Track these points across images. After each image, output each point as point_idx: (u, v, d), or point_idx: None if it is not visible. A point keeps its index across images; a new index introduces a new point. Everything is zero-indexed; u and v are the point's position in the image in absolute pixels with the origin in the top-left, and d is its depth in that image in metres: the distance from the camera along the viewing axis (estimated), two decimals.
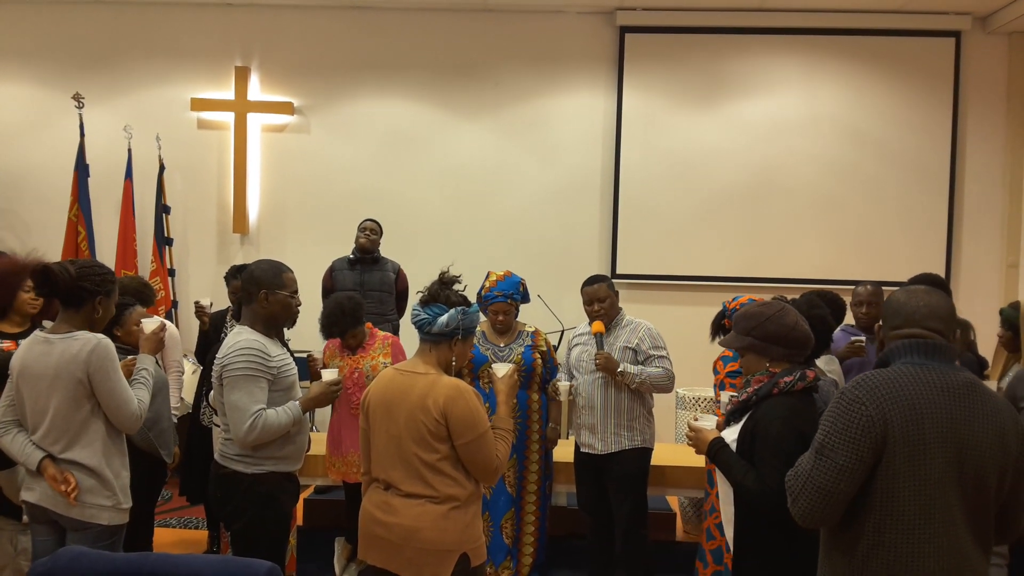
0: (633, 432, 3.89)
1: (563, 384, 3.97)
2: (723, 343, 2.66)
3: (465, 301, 2.66)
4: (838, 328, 3.87)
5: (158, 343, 3.09)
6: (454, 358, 2.65)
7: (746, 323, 2.51)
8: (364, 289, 5.32)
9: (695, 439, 2.57)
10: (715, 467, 2.52)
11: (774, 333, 2.45)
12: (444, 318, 2.58)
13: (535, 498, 4.20)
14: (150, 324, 3.11)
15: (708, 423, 2.61)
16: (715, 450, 2.47)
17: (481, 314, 4.28)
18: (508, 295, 4.11)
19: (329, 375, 3.10)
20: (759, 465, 2.33)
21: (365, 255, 5.48)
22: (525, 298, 4.27)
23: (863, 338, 4.07)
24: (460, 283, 2.70)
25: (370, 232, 5.50)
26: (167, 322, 4.54)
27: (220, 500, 2.89)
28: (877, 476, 1.89)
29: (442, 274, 2.69)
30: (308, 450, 4.11)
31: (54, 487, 2.73)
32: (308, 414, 4.01)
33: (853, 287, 4.39)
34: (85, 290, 2.78)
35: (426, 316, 2.60)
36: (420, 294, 2.69)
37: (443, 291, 2.64)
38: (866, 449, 1.88)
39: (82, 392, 2.74)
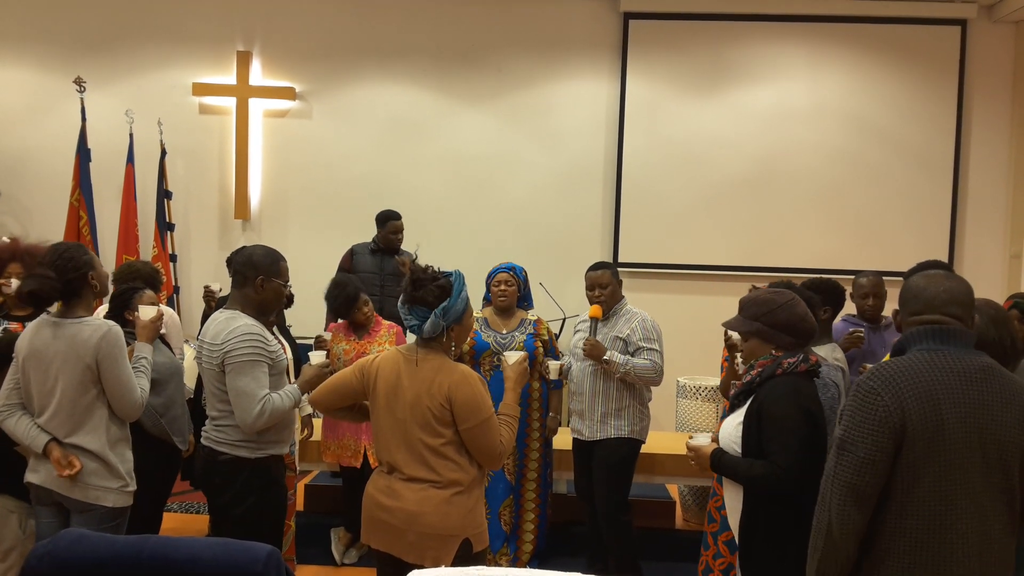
0: (620, 421, 3.88)
1: (553, 363, 3.95)
2: (727, 325, 2.65)
3: (443, 293, 2.56)
4: (839, 318, 3.86)
5: (154, 331, 3.09)
6: (453, 345, 2.65)
7: (756, 309, 2.51)
8: (383, 274, 5.40)
9: (696, 457, 2.59)
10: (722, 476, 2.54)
11: (784, 322, 2.47)
12: (428, 326, 2.56)
13: (535, 486, 4.21)
14: (147, 312, 3.10)
15: (704, 440, 2.62)
16: (717, 459, 2.49)
17: (475, 312, 4.29)
18: (510, 268, 4.19)
19: (317, 358, 3.10)
20: (766, 445, 2.34)
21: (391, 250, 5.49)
22: (527, 296, 4.28)
23: (862, 329, 4.06)
24: (432, 271, 2.60)
25: (401, 235, 5.49)
26: (168, 309, 4.56)
27: (219, 486, 2.85)
28: (898, 464, 1.88)
29: (412, 272, 2.61)
30: (311, 436, 4.14)
31: (58, 470, 2.74)
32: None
33: (853, 277, 4.36)
34: (75, 280, 2.78)
35: (415, 322, 2.59)
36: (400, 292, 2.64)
37: (417, 293, 2.57)
38: (886, 439, 1.86)
39: (89, 377, 2.75)
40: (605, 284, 3.91)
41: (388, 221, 5.47)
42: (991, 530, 1.88)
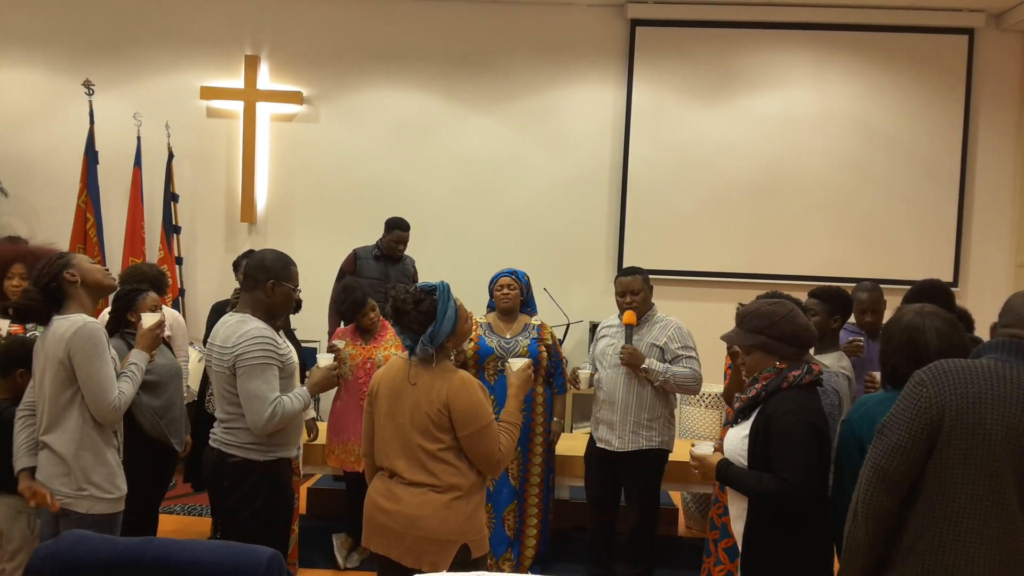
0: (652, 432, 3.81)
1: (584, 372, 3.87)
2: (727, 339, 2.62)
3: (427, 319, 2.55)
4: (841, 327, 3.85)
5: (153, 339, 3.04)
6: (451, 354, 2.66)
7: (758, 321, 2.49)
8: (388, 280, 5.39)
9: (701, 467, 2.57)
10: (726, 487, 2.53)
11: (788, 333, 2.45)
12: (418, 351, 2.57)
13: (538, 491, 4.20)
14: (149, 319, 3.07)
15: (707, 448, 2.61)
16: (723, 471, 2.48)
17: (479, 318, 4.30)
18: (511, 272, 4.19)
19: (325, 360, 3.11)
20: (775, 459, 2.33)
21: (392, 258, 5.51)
22: (530, 299, 4.28)
23: (861, 338, 4.06)
24: (415, 292, 2.58)
25: (403, 245, 5.50)
26: (174, 311, 4.58)
27: (226, 489, 2.85)
28: (931, 460, 1.89)
29: (392, 300, 2.60)
30: (315, 438, 4.15)
31: (24, 496, 2.77)
32: (315, 401, 4.05)
33: (853, 287, 4.33)
34: (51, 284, 2.77)
35: (408, 343, 2.60)
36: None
37: (401, 320, 2.58)
38: (920, 429, 1.87)
39: (64, 374, 2.72)
40: (637, 290, 3.83)
41: (394, 230, 5.46)
42: (1020, 549, 1.84)
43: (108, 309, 3.74)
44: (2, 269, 3.49)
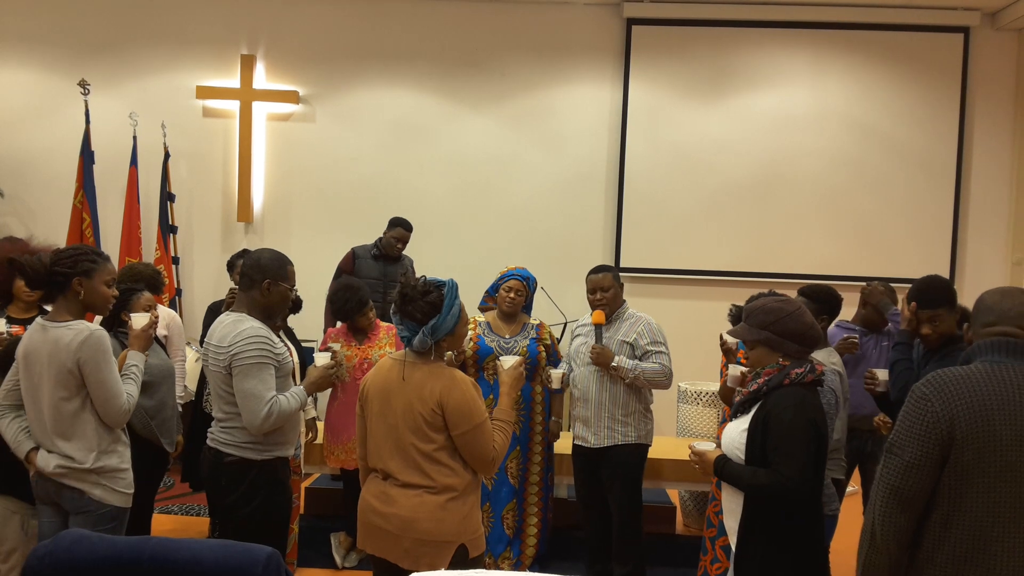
0: (627, 428, 3.83)
1: (555, 371, 3.90)
2: (734, 334, 2.65)
3: (433, 310, 2.54)
4: (833, 324, 3.87)
5: (146, 340, 3.05)
6: (447, 353, 2.64)
7: (764, 317, 2.50)
8: (387, 280, 5.41)
9: (700, 463, 2.59)
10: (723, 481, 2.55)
11: (793, 330, 2.47)
12: (416, 343, 2.56)
13: (537, 489, 4.20)
14: (139, 320, 3.06)
15: (707, 445, 2.63)
16: (721, 466, 2.49)
17: (479, 312, 4.30)
18: (524, 277, 4.17)
19: (322, 359, 3.11)
20: (771, 454, 2.35)
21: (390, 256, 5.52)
22: (528, 305, 4.28)
23: (856, 335, 4.08)
24: (423, 284, 2.57)
25: (402, 244, 5.52)
26: (170, 311, 4.57)
27: (224, 488, 2.85)
28: (945, 472, 1.87)
29: (402, 286, 2.60)
30: (315, 439, 4.15)
31: (41, 472, 2.76)
32: (312, 401, 4.05)
33: (862, 285, 4.35)
34: (59, 274, 2.75)
35: (406, 334, 2.59)
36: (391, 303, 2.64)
37: (406, 308, 2.56)
38: (932, 445, 1.85)
39: (73, 382, 2.72)
40: (607, 287, 3.86)
41: (397, 227, 5.48)
42: None
43: None
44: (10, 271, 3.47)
